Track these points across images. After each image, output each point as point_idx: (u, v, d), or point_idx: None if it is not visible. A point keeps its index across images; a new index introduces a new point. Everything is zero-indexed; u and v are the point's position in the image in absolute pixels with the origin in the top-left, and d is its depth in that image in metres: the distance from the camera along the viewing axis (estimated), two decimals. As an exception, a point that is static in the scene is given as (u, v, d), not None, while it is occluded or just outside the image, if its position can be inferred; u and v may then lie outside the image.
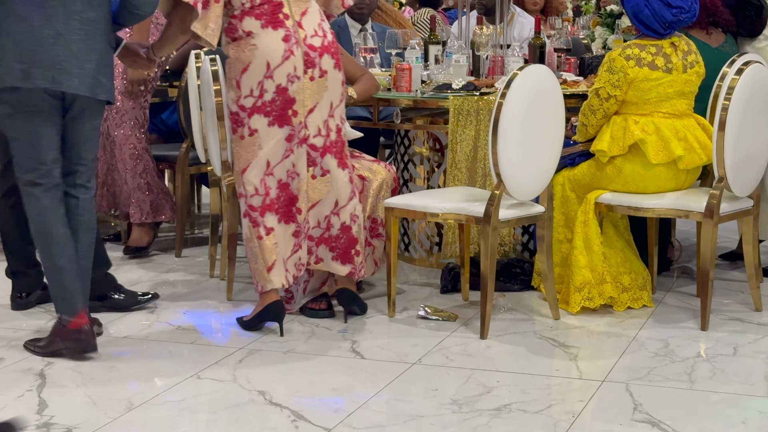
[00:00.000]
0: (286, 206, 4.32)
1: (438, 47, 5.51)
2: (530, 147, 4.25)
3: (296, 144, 4.28)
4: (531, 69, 4.29)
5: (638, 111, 4.52)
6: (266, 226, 4.28)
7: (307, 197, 4.34)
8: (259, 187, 4.27)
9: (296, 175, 4.31)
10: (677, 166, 4.48)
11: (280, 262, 4.29)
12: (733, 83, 4.29)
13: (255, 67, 4.19)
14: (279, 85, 4.20)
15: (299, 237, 4.35)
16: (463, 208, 4.32)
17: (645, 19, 4.45)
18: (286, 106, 4.23)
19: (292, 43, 4.21)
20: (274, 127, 4.24)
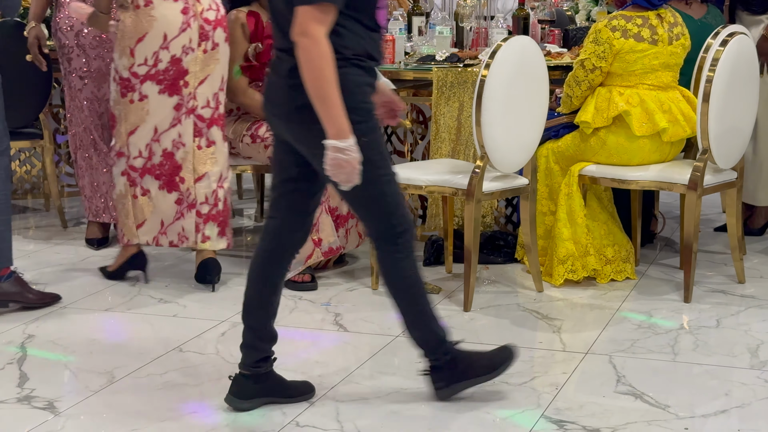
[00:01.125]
0: (170, 174, 4.40)
1: (421, 18, 5.48)
2: (514, 119, 4.24)
3: (184, 114, 4.36)
4: (515, 40, 4.27)
5: (623, 83, 4.50)
6: (143, 187, 4.40)
7: (192, 168, 4.40)
8: (143, 150, 4.37)
9: (182, 145, 4.38)
10: (661, 139, 4.47)
11: (155, 222, 4.43)
12: (717, 55, 4.27)
13: (151, 38, 4.26)
14: (174, 55, 4.29)
15: (182, 205, 4.44)
16: (447, 181, 4.30)
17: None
18: (178, 76, 4.32)
19: (190, 16, 4.29)
20: (164, 96, 4.32)
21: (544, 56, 4.97)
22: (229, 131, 4.70)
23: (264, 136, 4.58)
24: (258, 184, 5.84)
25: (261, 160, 4.68)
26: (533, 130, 4.35)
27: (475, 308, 4.26)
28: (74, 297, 4.39)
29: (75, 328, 4.02)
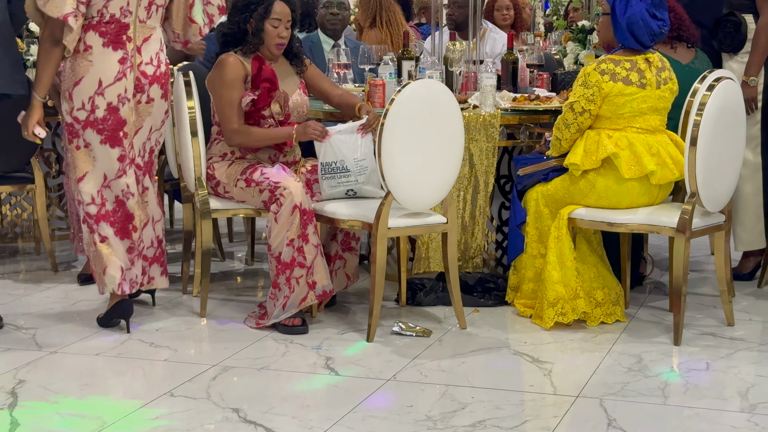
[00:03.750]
0: (123, 222, 4.47)
1: (411, 63, 5.52)
2: (421, 160, 4.36)
3: (128, 164, 4.43)
4: (419, 83, 4.41)
5: (612, 126, 4.55)
6: (101, 234, 4.43)
7: (139, 216, 4.49)
8: (95, 197, 4.42)
9: (131, 195, 4.46)
10: (650, 181, 4.50)
11: (116, 268, 4.44)
12: (704, 99, 4.32)
13: (87, 82, 4.32)
14: (110, 103, 4.35)
15: (132, 254, 4.50)
16: (362, 215, 4.44)
17: (637, 30, 4.49)
18: (117, 127, 4.38)
19: (127, 66, 4.36)
20: (106, 146, 4.39)
21: (533, 100, 5.06)
22: (223, 175, 4.71)
23: (259, 180, 4.59)
24: (249, 228, 5.85)
25: (254, 205, 4.68)
26: (445, 169, 4.46)
27: (465, 351, 4.27)
28: (65, 341, 4.39)
29: (65, 373, 4.01)
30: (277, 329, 4.51)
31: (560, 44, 7.02)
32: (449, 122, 4.44)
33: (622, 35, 4.52)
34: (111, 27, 4.33)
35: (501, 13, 7.66)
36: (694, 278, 5.43)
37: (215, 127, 4.78)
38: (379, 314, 4.43)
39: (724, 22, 5.13)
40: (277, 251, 4.46)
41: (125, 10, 4.33)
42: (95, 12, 4.31)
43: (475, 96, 5.07)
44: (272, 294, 4.51)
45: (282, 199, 4.46)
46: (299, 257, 4.46)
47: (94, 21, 4.32)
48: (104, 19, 4.32)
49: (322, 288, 4.52)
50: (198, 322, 4.69)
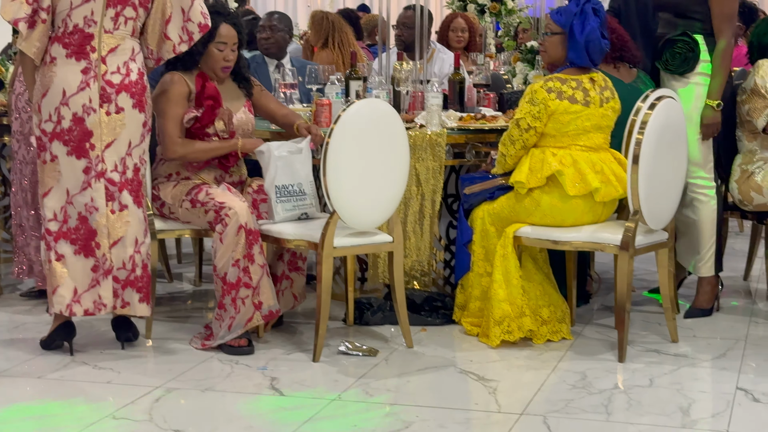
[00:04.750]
0: (86, 239, 4.37)
1: (359, 83, 5.53)
2: (366, 179, 4.37)
3: (93, 177, 4.35)
4: (364, 103, 4.44)
5: (556, 144, 4.58)
6: (57, 252, 4.35)
7: (107, 233, 4.38)
8: (58, 213, 4.35)
9: (95, 210, 4.36)
10: (594, 199, 4.54)
11: (67, 288, 4.34)
12: (646, 118, 4.37)
13: (53, 93, 4.29)
14: (75, 113, 4.30)
15: (97, 272, 4.38)
16: (308, 234, 4.45)
17: (592, 48, 4.55)
18: (83, 138, 4.32)
19: (90, 77, 4.30)
20: (72, 158, 4.32)
21: (479, 120, 5.08)
22: (168, 196, 4.69)
23: (204, 200, 4.57)
24: (197, 249, 5.83)
25: (200, 225, 4.66)
26: (390, 188, 4.47)
27: (411, 370, 4.27)
28: (7, 364, 4.33)
29: (6, 397, 3.96)
30: (222, 350, 4.48)
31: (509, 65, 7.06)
32: (394, 141, 4.46)
33: (577, 53, 4.56)
34: (74, 38, 4.28)
35: (456, 35, 7.72)
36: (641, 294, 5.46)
37: (160, 147, 4.76)
38: (325, 334, 4.42)
39: (673, 42, 5.02)
40: (222, 272, 4.44)
41: (89, 20, 4.29)
42: (60, 22, 4.28)
43: (422, 115, 5.09)
44: (218, 315, 4.49)
45: (227, 219, 4.44)
46: (245, 277, 4.44)
47: (59, 32, 4.29)
48: (68, 29, 4.28)
49: (269, 308, 4.50)
50: (143, 344, 4.65)
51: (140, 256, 4.43)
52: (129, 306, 4.44)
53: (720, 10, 4.94)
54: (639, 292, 5.50)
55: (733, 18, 5.02)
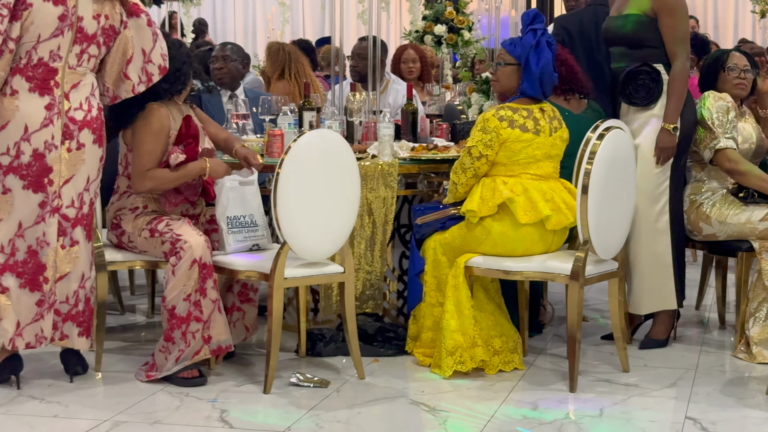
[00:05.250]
0: (33, 273, 4.31)
1: (312, 113, 5.53)
2: (316, 209, 4.37)
3: (48, 212, 4.30)
4: (314, 135, 4.43)
5: (507, 172, 4.60)
6: (2, 284, 4.29)
7: (55, 267, 4.33)
8: (5, 246, 4.29)
9: (46, 244, 4.31)
10: (545, 227, 4.56)
11: (10, 322, 4.28)
12: (594, 148, 4.40)
13: (13, 127, 4.23)
14: (36, 149, 4.25)
15: (42, 307, 4.33)
16: (259, 265, 4.44)
17: (546, 81, 4.60)
18: (42, 174, 4.27)
19: (54, 113, 4.26)
20: (28, 191, 4.28)
21: (431, 150, 5.10)
22: (129, 225, 4.64)
23: (162, 230, 4.53)
24: (150, 280, 5.79)
25: (156, 255, 4.62)
26: (340, 219, 4.47)
27: (362, 401, 4.25)
28: (-48, 398, 4.28)
29: (-50, 430, 3.90)
30: (173, 382, 4.44)
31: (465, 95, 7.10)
32: (345, 172, 4.46)
33: (531, 85, 4.60)
34: (38, 71, 4.24)
35: (407, 66, 7.75)
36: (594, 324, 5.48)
37: (125, 180, 4.70)
38: (276, 365, 4.39)
39: (635, 75, 4.95)
40: (170, 304, 4.41)
41: (55, 54, 4.25)
42: (23, 53, 4.23)
43: (374, 146, 5.10)
44: (164, 347, 4.45)
45: (182, 252, 4.41)
46: (196, 311, 4.41)
47: (21, 64, 4.23)
48: (32, 62, 4.23)
49: (218, 343, 4.47)
50: (92, 377, 4.60)
51: (84, 291, 4.41)
52: (68, 339, 4.40)
53: (672, 33, 4.92)
54: (592, 322, 5.52)
55: (686, 40, 4.96)
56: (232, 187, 4.56)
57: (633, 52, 5.01)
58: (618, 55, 5.08)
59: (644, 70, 4.94)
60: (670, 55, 4.94)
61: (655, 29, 4.94)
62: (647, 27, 4.95)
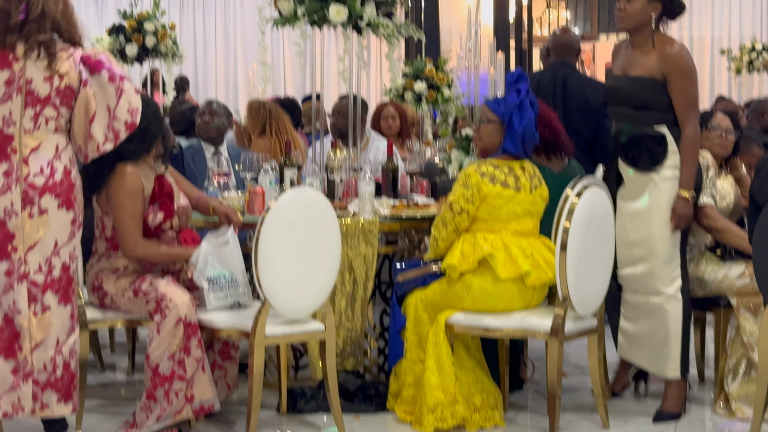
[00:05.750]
0: (9, 341, 4.22)
1: (293, 171, 5.57)
2: (297, 267, 4.39)
3: (16, 280, 4.20)
4: (294, 193, 4.46)
5: (488, 228, 4.64)
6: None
7: (29, 335, 4.23)
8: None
9: (18, 312, 4.21)
10: (525, 283, 4.58)
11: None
12: (573, 206, 4.45)
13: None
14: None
15: (17, 375, 4.22)
16: (240, 323, 4.44)
17: (528, 138, 4.67)
18: (5, 241, 4.19)
19: (12, 180, 4.17)
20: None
21: (411, 207, 5.14)
22: (111, 286, 4.64)
23: (146, 290, 4.53)
24: (130, 338, 5.77)
25: (140, 315, 4.61)
26: (322, 277, 4.49)
27: (344, 459, 4.24)
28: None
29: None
30: (152, 441, 4.42)
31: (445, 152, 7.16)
32: (325, 229, 4.48)
33: (513, 143, 4.67)
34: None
35: (387, 123, 7.82)
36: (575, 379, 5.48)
37: (103, 242, 4.70)
38: (257, 423, 4.39)
39: (639, 139, 4.77)
40: (154, 362, 4.39)
41: (8, 120, 4.17)
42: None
43: (355, 203, 5.13)
44: (145, 405, 4.43)
45: (167, 311, 4.41)
46: (179, 370, 4.40)
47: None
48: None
49: (201, 402, 4.45)
50: (72, 436, 4.58)
51: (62, 356, 4.28)
52: (47, 408, 4.27)
53: (682, 97, 4.74)
54: (573, 378, 5.53)
55: (697, 104, 4.80)
56: (208, 250, 4.56)
57: (637, 113, 4.83)
58: (623, 116, 4.89)
59: (649, 135, 4.78)
60: (680, 118, 4.76)
61: (663, 92, 4.77)
62: (655, 89, 4.77)
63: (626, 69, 4.88)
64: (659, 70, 4.75)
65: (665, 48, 4.76)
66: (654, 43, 4.78)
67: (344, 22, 5.31)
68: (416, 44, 12.15)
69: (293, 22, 5.36)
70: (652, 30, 4.79)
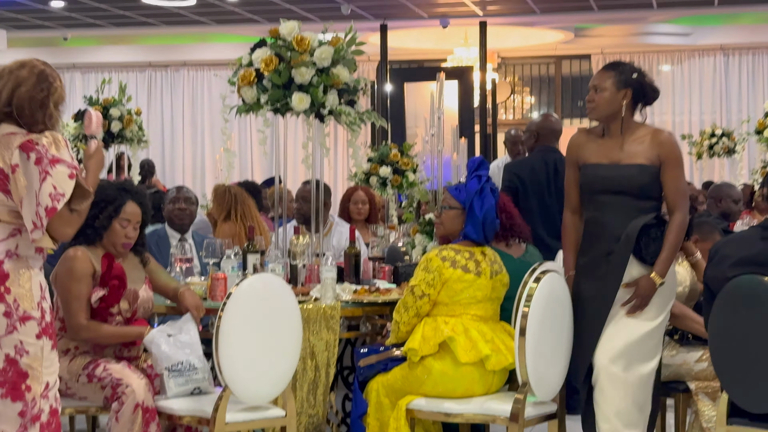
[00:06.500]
0: None
1: (256, 256, 5.59)
2: (258, 353, 4.40)
3: None
4: (255, 279, 4.51)
5: (449, 312, 4.68)
6: None
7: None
8: None
9: None
10: (485, 367, 4.61)
11: None
12: (531, 291, 4.49)
13: None
14: None
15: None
16: (200, 410, 4.44)
17: (489, 224, 4.74)
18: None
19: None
20: None
21: (373, 292, 5.17)
22: (64, 371, 4.61)
23: (101, 375, 4.51)
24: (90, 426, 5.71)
25: (96, 401, 4.58)
26: (282, 363, 4.50)
27: None
28: None
29: None
30: None
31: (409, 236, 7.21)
32: (286, 316, 4.50)
33: (474, 229, 4.73)
34: None
35: (357, 207, 7.87)
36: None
37: (58, 323, 4.69)
38: None
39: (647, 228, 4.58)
40: (116, 450, 4.36)
41: None
42: None
43: (317, 288, 5.16)
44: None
45: (124, 397, 4.39)
46: (140, 456, 4.37)
47: None
48: None
49: None
50: None
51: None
52: None
53: (675, 184, 4.59)
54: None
55: (686, 190, 4.68)
56: (166, 340, 4.54)
57: (640, 203, 4.62)
58: (616, 205, 4.61)
59: (655, 224, 4.59)
60: (671, 205, 4.62)
61: (657, 180, 4.61)
62: (655, 177, 4.60)
63: (616, 158, 4.64)
64: (657, 155, 4.59)
65: (657, 135, 4.63)
66: (623, 129, 4.62)
67: (307, 110, 5.38)
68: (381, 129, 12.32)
69: (256, 110, 5.43)
70: (629, 117, 4.64)
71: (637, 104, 4.69)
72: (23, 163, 3.95)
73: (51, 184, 3.90)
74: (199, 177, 16.65)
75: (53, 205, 3.90)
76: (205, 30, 14.71)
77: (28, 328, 3.96)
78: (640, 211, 4.60)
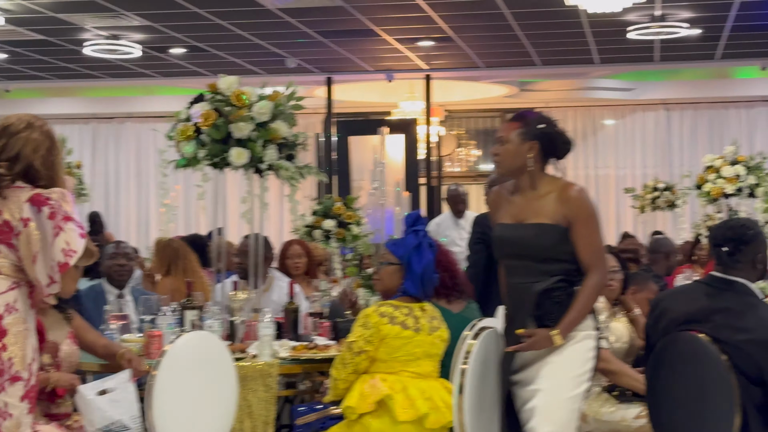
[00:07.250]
0: None
1: (194, 312, 5.51)
2: (192, 412, 4.37)
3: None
4: (191, 336, 4.49)
5: (387, 369, 4.65)
6: None
7: None
8: None
9: None
10: (424, 425, 4.57)
11: None
12: (470, 348, 4.45)
13: None
14: None
15: None
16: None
17: (427, 279, 4.72)
18: None
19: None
20: None
21: (311, 349, 5.13)
22: None
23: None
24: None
25: None
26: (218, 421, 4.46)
27: None
28: None
29: None
30: None
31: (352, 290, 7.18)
32: (222, 373, 4.46)
33: (413, 284, 4.71)
34: None
35: (293, 261, 7.79)
36: None
37: None
38: None
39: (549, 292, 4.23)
40: None
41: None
42: None
43: (255, 345, 5.10)
44: None
45: None
46: None
47: None
48: None
49: None
50: None
51: None
52: None
53: (587, 244, 4.23)
54: None
55: (602, 249, 4.32)
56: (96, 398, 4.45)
57: (544, 266, 4.26)
58: (523, 270, 4.30)
59: (559, 287, 4.25)
60: (584, 266, 4.24)
61: (567, 241, 4.24)
62: (562, 238, 4.23)
63: (521, 217, 4.32)
64: (564, 215, 4.23)
65: (565, 191, 4.25)
66: (531, 185, 4.29)
67: (245, 165, 5.36)
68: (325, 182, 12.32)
69: (194, 164, 5.39)
70: (538, 171, 4.31)
71: (548, 157, 4.33)
72: (36, 216, 3.92)
73: (64, 240, 3.89)
74: (144, 230, 16.50)
75: (65, 261, 3.89)
76: (150, 82, 14.66)
77: (16, 389, 3.89)
78: (544, 274, 4.24)
